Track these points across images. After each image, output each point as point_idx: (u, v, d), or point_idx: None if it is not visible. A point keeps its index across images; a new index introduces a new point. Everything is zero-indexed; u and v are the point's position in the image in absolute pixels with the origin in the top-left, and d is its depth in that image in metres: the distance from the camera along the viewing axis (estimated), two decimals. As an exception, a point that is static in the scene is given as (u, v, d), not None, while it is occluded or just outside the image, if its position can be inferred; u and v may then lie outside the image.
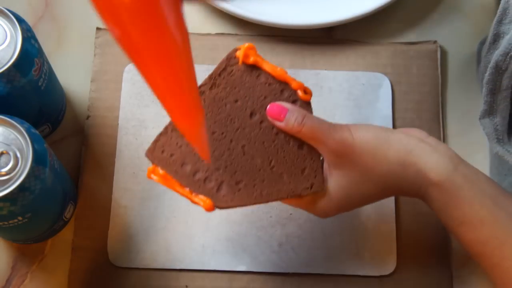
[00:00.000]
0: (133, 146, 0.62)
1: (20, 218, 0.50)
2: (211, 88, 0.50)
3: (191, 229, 0.60)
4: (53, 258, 0.59)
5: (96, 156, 0.62)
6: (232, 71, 0.51)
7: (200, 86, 0.50)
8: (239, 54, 0.51)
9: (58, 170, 0.53)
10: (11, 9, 0.52)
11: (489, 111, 0.56)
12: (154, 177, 0.49)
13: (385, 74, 0.65)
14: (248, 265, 0.59)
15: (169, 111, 0.36)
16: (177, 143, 0.49)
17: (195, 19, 0.67)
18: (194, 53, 0.67)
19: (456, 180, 0.47)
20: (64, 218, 0.58)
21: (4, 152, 0.48)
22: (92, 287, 0.58)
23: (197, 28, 0.67)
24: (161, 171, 0.49)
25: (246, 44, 0.51)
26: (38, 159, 0.49)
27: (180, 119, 0.37)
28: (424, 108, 0.65)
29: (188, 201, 0.60)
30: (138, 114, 0.63)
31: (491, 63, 0.54)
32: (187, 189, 0.49)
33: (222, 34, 0.66)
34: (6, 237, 0.59)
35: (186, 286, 0.59)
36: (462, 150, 0.63)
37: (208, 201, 0.48)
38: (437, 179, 0.47)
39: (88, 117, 0.63)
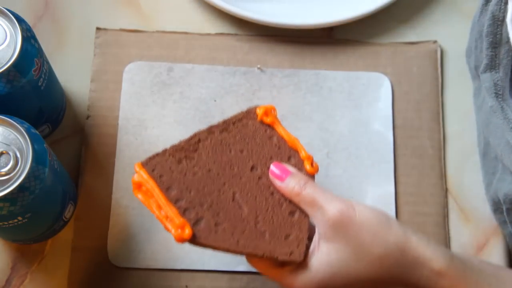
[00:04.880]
0: (133, 146, 0.62)
1: (20, 218, 0.50)
2: (221, 131, 0.51)
3: (191, 229, 0.60)
4: (53, 258, 0.59)
5: (96, 156, 0.62)
6: (247, 123, 0.52)
7: (211, 127, 0.51)
8: (259, 111, 0.52)
9: (58, 170, 0.53)
10: (11, 9, 0.52)
11: (491, 65, 0.55)
12: (137, 194, 0.48)
13: (385, 74, 0.65)
14: (248, 265, 0.59)
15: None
16: (170, 168, 0.49)
17: (195, 19, 0.67)
18: (194, 53, 0.67)
19: (458, 266, 0.46)
20: (64, 218, 0.58)
21: (4, 152, 0.48)
22: (92, 287, 0.58)
23: (197, 28, 0.67)
24: (144, 188, 0.48)
25: (269, 105, 0.53)
26: (38, 159, 0.49)
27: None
28: (424, 108, 0.64)
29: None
30: (138, 114, 0.63)
31: (488, 15, 0.53)
32: (163, 213, 0.48)
33: (222, 34, 0.66)
34: (6, 237, 0.59)
35: (186, 286, 0.59)
36: (461, 150, 0.63)
37: (181, 232, 0.47)
38: (439, 267, 0.46)
39: (88, 117, 0.63)
